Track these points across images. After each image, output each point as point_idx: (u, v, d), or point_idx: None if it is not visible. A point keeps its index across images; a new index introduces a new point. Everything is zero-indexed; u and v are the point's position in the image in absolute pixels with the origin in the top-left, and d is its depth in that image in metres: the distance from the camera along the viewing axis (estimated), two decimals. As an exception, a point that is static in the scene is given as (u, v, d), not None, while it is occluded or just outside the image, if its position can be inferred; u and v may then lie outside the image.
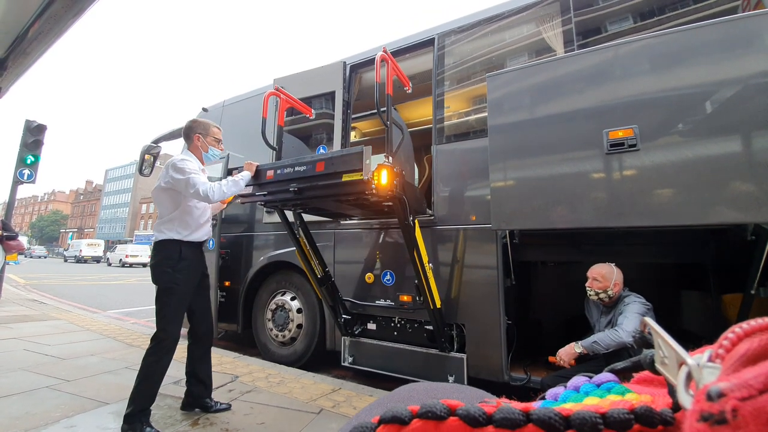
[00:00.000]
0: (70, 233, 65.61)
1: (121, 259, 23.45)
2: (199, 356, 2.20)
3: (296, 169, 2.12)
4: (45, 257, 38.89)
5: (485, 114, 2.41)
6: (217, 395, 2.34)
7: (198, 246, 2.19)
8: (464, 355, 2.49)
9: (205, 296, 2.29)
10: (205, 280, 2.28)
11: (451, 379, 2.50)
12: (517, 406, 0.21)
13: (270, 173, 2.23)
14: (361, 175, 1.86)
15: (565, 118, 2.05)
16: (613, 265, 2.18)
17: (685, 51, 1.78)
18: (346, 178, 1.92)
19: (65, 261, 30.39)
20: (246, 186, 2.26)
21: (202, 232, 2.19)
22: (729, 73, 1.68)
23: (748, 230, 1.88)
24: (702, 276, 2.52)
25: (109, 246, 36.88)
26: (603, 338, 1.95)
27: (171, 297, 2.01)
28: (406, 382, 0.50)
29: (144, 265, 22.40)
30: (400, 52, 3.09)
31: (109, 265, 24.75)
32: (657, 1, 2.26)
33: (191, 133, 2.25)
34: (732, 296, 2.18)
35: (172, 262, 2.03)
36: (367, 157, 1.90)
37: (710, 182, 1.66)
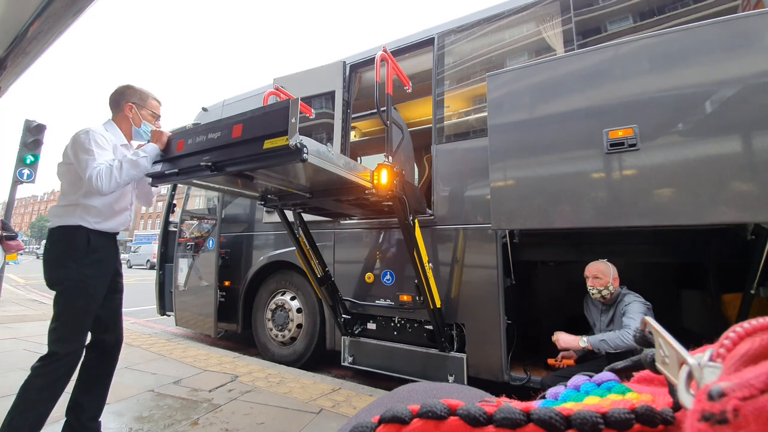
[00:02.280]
0: (70, 233, 65.54)
1: None
2: (99, 374, 1.73)
3: (210, 136, 1.62)
4: (20, 253, 40.86)
5: (485, 113, 2.41)
6: (216, 395, 2.34)
7: (112, 237, 1.76)
8: (464, 355, 2.49)
9: (117, 300, 1.81)
10: (118, 281, 1.83)
11: (451, 378, 2.50)
12: (517, 405, 0.21)
13: (181, 143, 1.74)
14: (286, 139, 1.38)
15: (565, 118, 2.05)
16: (605, 260, 2.20)
17: (685, 51, 1.78)
18: (268, 144, 1.44)
19: (37, 258, 32.68)
20: (155, 163, 1.76)
21: (118, 221, 1.76)
22: (729, 72, 1.68)
23: (747, 230, 1.88)
24: (702, 275, 2.52)
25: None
26: (612, 338, 1.94)
27: (75, 300, 1.57)
28: (406, 381, 0.50)
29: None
30: (400, 52, 3.09)
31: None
32: (657, 1, 2.26)
33: (121, 101, 1.79)
34: (732, 296, 2.19)
35: (77, 255, 1.59)
36: (294, 114, 1.40)
37: (710, 182, 1.66)
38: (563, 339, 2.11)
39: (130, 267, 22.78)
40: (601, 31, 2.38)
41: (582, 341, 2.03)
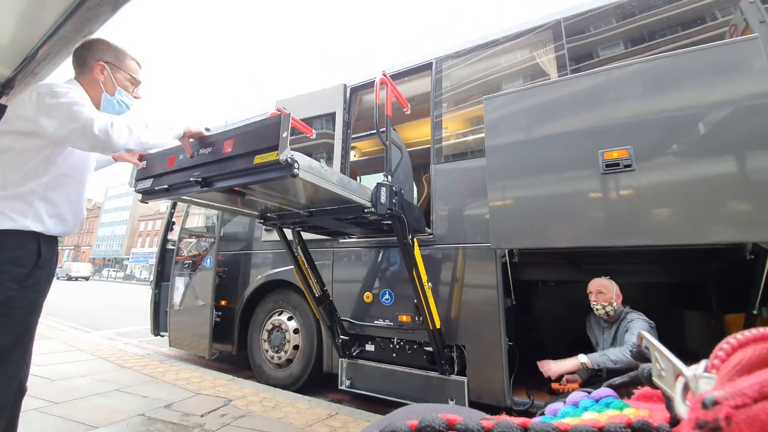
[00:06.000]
0: (67, 251, 65.17)
1: None
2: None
3: (201, 151, 1.56)
4: None
5: (482, 135, 2.45)
6: (208, 420, 2.27)
7: (56, 244, 1.38)
8: (465, 378, 2.43)
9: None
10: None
11: (452, 403, 2.43)
12: (515, 421, 0.21)
13: (172, 159, 1.65)
14: (277, 154, 1.34)
15: (560, 139, 2.09)
16: (608, 277, 2.21)
17: (676, 75, 1.84)
18: (258, 159, 1.40)
19: None
20: (143, 179, 1.64)
21: (78, 220, 1.41)
22: (719, 96, 1.73)
23: (746, 249, 1.89)
24: (704, 296, 2.50)
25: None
26: (614, 352, 1.93)
27: (14, 326, 1.21)
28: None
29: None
30: (399, 76, 3.18)
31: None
32: (647, 28, 2.35)
33: (89, 57, 1.38)
34: (734, 316, 2.16)
35: (21, 272, 1.20)
36: (286, 129, 1.35)
37: (706, 202, 1.68)
38: (556, 367, 2.04)
39: (57, 278, 24.92)
40: (593, 56, 2.47)
41: (581, 358, 1.99)
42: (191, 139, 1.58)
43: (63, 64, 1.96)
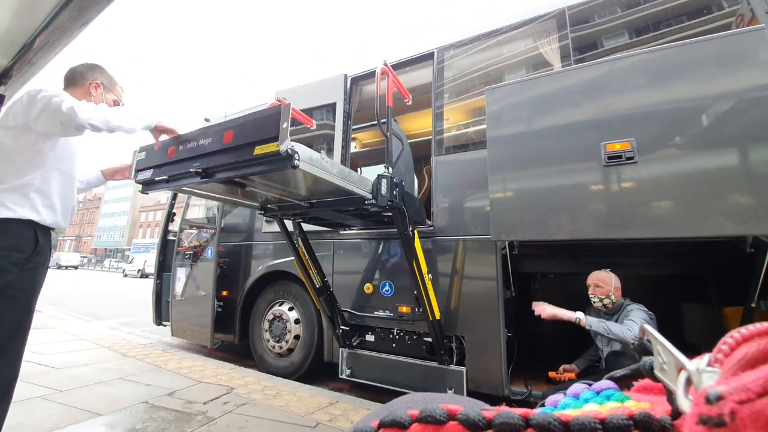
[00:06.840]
0: (68, 241, 65.40)
1: None
2: None
3: (201, 142, 1.58)
4: None
5: (484, 126, 2.44)
6: (211, 408, 2.30)
7: (50, 235, 1.49)
8: (464, 368, 2.45)
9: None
10: None
11: (450, 392, 2.47)
12: (516, 411, 0.21)
13: (172, 149, 1.67)
14: (277, 146, 1.34)
15: (562, 131, 2.07)
16: (608, 270, 2.20)
17: (681, 66, 1.82)
18: (258, 150, 1.40)
19: None
20: (144, 170, 1.73)
21: (67, 213, 1.52)
22: (724, 87, 1.71)
23: (747, 242, 1.89)
24: (703, 288, 2.51)
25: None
26: (614, 325, 1.94)
27: (18, 308, 1.30)
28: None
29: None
30: (401, 66, 3.14)
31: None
32: (652, 18, 2.31)
33: (88, 76, 1.58)
34: (733, 309, 2.18)
35: (21, 257, 1.31)
36: (286, 120, 1.36)
37: (707, 195, 1.67)
38: (550, 309, 2.05)
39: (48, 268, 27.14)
40: (597, 46, 2.43)
41: (579, 314, 2.00)
42: (167, 136, 1.65)
43: (60, 54, 1.94)
